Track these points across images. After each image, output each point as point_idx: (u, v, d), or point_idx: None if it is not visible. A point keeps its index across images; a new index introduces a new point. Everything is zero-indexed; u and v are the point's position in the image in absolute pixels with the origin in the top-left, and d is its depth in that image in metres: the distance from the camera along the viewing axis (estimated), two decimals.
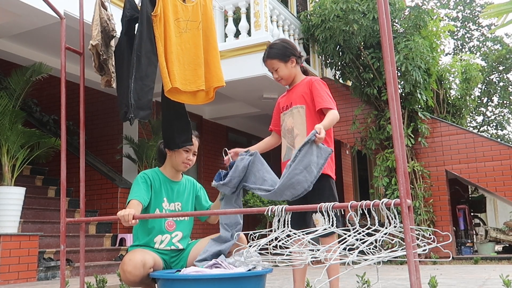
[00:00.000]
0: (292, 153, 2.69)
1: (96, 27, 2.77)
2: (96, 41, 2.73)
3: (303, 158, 2.29)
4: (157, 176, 2.86)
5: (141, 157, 7.43)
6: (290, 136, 2.87)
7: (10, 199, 5.04)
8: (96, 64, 2.79)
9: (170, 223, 2.80)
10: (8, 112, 5.23)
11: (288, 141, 2.89)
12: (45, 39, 6.14)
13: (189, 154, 2.89)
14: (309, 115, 2.81)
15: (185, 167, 2.89)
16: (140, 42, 2.65)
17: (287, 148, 2.90)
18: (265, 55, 2.94)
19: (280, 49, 2.91)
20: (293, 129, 2.85)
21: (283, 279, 4.89)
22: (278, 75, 2.93)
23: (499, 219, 15.85)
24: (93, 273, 5.45)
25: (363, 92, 7.95)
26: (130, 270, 2.45)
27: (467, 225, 8.35)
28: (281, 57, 2.89)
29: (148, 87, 2.68)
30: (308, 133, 2.69)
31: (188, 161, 2.88)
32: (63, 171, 2.69)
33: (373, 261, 1.94)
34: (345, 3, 7.32)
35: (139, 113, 2.64)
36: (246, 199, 8.04)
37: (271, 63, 2.92)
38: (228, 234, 2.59)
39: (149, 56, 2.67)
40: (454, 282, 4.26)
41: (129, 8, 2.73)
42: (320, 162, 2.33)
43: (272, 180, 2.51)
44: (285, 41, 2.98)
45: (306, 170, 2.28)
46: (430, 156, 7.78)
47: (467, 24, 18.68)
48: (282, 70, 2.90)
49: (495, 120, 18.01)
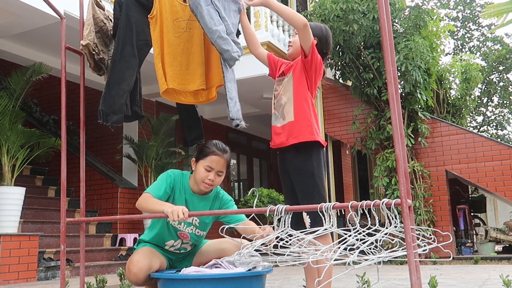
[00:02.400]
0: (277, 121, 2.79)
1: (87, 27, 2.75)
2: (87, 41, 2.71)
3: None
4: (182, 181, 2.63)
5: (141, 157, 7.43)
6: (276, 103, 2.83)
7: (10, 199, 5.05)
8: (91, 64, 2.77)
9: (184, 235, 2.64)
10: (8, 112, 5.23)
11: (275, 107, 2.84)
12: (45, 39, 6.14)
13: (210, 174, 2.53)
14: (295, 83, 2.75)
15: (205, 188, 2.55)
16: (118, 46, 2.65)
17: (273, 114, 2.86)
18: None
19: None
20: (280, 97, 2.81)
21: (283, 279, 4.89)
22: (293, 40, 2.85)
23: (499, 219, 15.84)
24: (93, 273, 5.45)
25: (363, 92, 7.95)
26: (135, 272, 2.45)
27: (467, 225, 8.35)
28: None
29: (123, 91, 2.65)
30: (295, 100, 2.71)
31: (209, 182, 2.53)
32: (63, 171, 2.69)
33: (374, 261, 1.94)
34: (345, 3, 7.32)
35: (113, 117, 2.62)
36: (246, 199, 8.04)
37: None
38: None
39: (128, 60, 2.65)
40: (454, 282, 4.26)
41: (118, 10, 2.74)
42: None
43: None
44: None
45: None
46: (430, 156, 7.79)
47: (467, 24, 18.67)
48: (296, 42, 2.82)
49: (495, 120, 18.00)
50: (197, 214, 2.50)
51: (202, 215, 2.58)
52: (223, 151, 2.58)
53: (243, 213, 2.33)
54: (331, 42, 2.87)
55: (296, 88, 2.75)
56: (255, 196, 7.88)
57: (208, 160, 2.54)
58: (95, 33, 2.77)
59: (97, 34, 2.78)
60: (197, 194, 2.62)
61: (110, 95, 2.61)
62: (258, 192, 7.86)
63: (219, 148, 2.58)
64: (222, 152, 2.57)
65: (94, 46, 2.73)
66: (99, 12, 2.82)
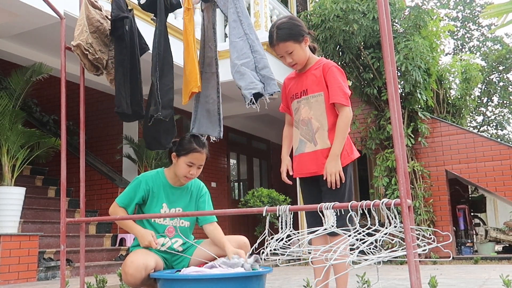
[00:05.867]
0: (306, 147, 2.53)
1: (79, 27, 2.74)
2: (78, 41, 2.69)
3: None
4: (159, 179, 2.78)
5: (141, 157, 7.43)
6: (306, 128, 2.55)
7: (10, 199, 5.04)
8: (85, 64, 2.76)
9: (170, 229, 2.73)
10: (8, 112, 5.23)
11: (302, 133, 2.57)
12: (45, 39, 6.13)
13: (192, 169, 2.72)
14: (328, 104, 2.49)
15: (186, 181, 2.77)
16: (160, 39, 2.66)
17: (299, 140, 2.58)
18: (274, 37, 2.49)
19: (291, 28, 2.50)
20: (310, 121, 2.53)
21: (283, 279, 4.89)
22: (293, 59, 2.52)
23: (499, 219, 15.83)
24: (93, 273, 5.44)
25: (363, 92, 7.95)
26: (132, 273, 2.44)
27: (467, 225, 8.34)
28: (295, 37, 2.49)
29: (168, 86, 2.68)
30: (329, 124, 2.47)
31: (190, 176, 2.73)
32: (63, 171, 2.69)
33: (373, 261, 1.94)
34: (345, 3, 7.32)
35: (163, 112, 2.64)
36: (246, 199, 8.03)
37: (284, 46, 2.49)
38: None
39: (166, 56, 2.68)
40: (454, 282, 4.26)
41: (114, 8, 2.74)
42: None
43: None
44: (293, 18, 2.58)
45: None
46: (430, 156, 7.78)
47: (467, 24, 18.67)
48: (298, 53, 2.51)
49: (495, 120, 18.00)
50: (180, 215, 2.69)
51: (184, 215, 2.68)
52: (203, 146, 2.74)
53: (243, 213, 2.32)
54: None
55: (330, 109, 2.50)
56: (255, 196, 7.87)
57: (190, 157, 2.70)
58: (91, 33, 2.76)
59: (94, 34, 2.77)
60: (176, 185, 2.80)
61: (161, 89, 2.64)
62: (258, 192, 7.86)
63: (199, 145, 2.73)
64: (202, 148, 2.73)
65: (87, 46, 2.71)
66: (94, 12, 2.81)
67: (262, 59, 2.54)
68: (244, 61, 2.51)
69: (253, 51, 2.53)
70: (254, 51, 2.53)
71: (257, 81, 2.48)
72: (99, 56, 2.78)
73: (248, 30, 2.58)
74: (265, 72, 2.52)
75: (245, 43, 2.54)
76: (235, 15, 2.60)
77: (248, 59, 2.51)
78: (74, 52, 2.75)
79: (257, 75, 2.50)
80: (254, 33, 2.61)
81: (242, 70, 2.49)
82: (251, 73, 2.48)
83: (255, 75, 2.50)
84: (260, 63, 2.53)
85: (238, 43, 2.54)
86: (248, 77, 2.47)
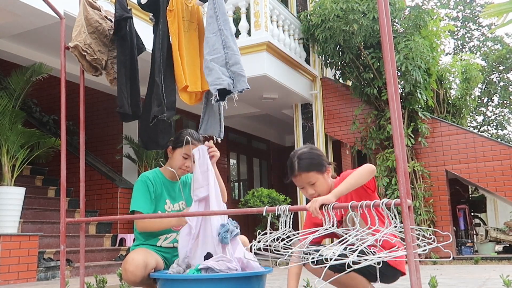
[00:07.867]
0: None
1: (76, 28, 2.73)
2: (75, 42, 2.69)
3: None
4: (157, 177, 2.83)
5: (141, 157, 7.43)
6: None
7: (10, 199, 5.05)
8: (84, 64, 2.75)
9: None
10: (8, 112, 5.23)
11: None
12: (45, 39, 6.13)
13: (187, 161, 2.78)
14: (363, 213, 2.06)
15: (182, 173, 2.83)
16: (163, 40, 2.64)
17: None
18: (296, 167, 2.32)
19: (314, 158, 2.35)
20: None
21: (283, 279, 4.88)
22: (315, 190, 2.32)
23: (499, 219, 15.82)
24: (93, 273, 5.45)
25: (363, 92, 7.95)
26: (132, 270, 2.45)
27: (467, 225, 8.35)
28: (317, 167, 2.33)
29: (171, 87, 2.68)
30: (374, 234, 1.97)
31: (186, 168, 2.79)
32: (63, 171, 2.69)
33: (373, 261, 1.94)
34: (345, 3, 7.32)
35: (168, 113, 2.63)
36: (246, 199, 8.03)
37: (306, 176, 2.32)
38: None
39: (169, 56, 2.67)
40: (454, 282, 4.26)
41: (118, 8, 2.73)
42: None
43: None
44: (314, 148, 2.48)
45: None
46: (430, 156, 7.78)
47: (467, 24, 18.67)
48: (321, 184, 2.33)
49: (495, 120, 18.00)
50: (182, 215, 2.61)
51: (185, 215, 2.58)
52: (198, 140, 2.81)
53: (243, 213, 2.32)
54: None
55: (367, 218, 2.03)
56: (255, 196, 7.87)
57: (186, 149, 2.76)
58: (90, 34, 2.75)
59: (92, 34, 2.76)
60: (171, 180, 2.86)
61: (165, 89, 2.64)
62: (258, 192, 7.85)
63: (195, 138, 2.80)
64: (197, 141, 2.79)
65: (86, 47, 2.70)
66: (93, 12, 2.80)
67: (234, 55, 2.54)
68: (214, 56, 2.51)
69: (225, 46, 2.53)
70: (226, 46, 2.53)
71: (225, 77, 2.47)
72: (98, 56, 2.78)
73: (223, 26, 2.58)
74: (236, 69, 2.52)
75: (217, 39, 2.53)
76: (212, 11, 2.60)
77: (219, 55, 2.51)
78: (72, 53, 2.74)
79: (226, 71, 2.50)
80: (229, 29, 2.61)
81: (210, 66, 2.48)
82: (219, 69, 2.48)
83: (224, 71, 2.50)
84: (231, 59, 2.52)
85: (211, 38, 2.54)
86: (215, 73, 2.47)
